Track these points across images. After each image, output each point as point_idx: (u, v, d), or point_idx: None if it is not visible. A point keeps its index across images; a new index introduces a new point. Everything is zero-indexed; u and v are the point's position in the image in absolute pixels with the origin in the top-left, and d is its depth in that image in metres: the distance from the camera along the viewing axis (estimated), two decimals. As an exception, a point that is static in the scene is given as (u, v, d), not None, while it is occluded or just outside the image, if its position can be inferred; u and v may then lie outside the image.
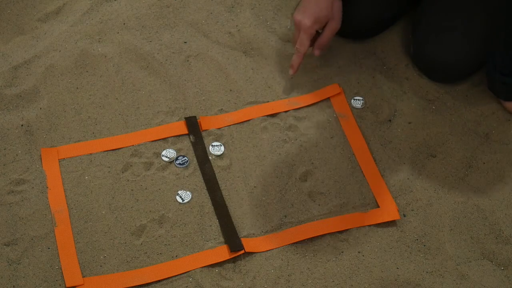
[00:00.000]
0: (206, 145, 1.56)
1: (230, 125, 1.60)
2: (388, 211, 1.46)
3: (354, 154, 1.56)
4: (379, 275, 1.38)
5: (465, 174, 1.54)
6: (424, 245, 1.43)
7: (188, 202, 1.47)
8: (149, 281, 1.35)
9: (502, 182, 1.52)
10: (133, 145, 1.55)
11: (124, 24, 1.79)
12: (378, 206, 1.48)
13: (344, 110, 1.63)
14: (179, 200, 1.47)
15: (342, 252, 1.41)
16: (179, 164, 1.52)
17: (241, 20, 1.81)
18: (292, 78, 1.69)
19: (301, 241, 1.42)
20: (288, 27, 1.79)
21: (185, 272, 1.37)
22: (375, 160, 1.55)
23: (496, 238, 1.44)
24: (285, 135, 1.59)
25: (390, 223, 1.45)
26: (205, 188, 1.49)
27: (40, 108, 1.61)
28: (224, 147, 1.56)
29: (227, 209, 1.46)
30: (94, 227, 1.42)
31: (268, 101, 1.65)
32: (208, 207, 1.47)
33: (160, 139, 1.57)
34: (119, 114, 1.61)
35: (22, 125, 1.57)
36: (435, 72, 1.67)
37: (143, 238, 1.41)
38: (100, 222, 1.43)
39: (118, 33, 1.77)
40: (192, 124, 1.59)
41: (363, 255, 1.41)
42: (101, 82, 1.67)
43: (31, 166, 1.51)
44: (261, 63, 1.72)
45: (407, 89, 1.68)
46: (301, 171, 1.53)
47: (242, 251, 1.39)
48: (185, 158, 1.53)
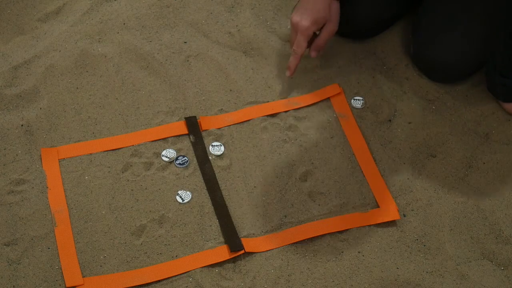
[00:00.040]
0: (206, 145, 1.56)
1: (230, 125, 1.60)
2: (388, 211, 1.46)
3: (354, 154, 1.56)
4: (379, 275, 1.38)
5: (465, 174, 1.54)
6: (424, 245, 1.43)
7: (188, 202, 1.47)
8: (149, 281, 1.35)
9: (502, 182, 1.52)
10: (133, 145, 1.55)
11: (124, 24, 1.79)
12: (378, 206, 1.48)
13: (344, 110, 1.63)
14: (179, 200, 1.47)
15: (342, 252, 1.41)
16: (179, 164, 1.52)
17: (241, 20, 1.80)
18: (292, 78, 1.69)
19: (301, 241, 1.42)
20: (288, 27, 1.79)
21: (185, 272, 1.37)
22: (375, 160, 1.55)
23: (496, 238, 1.44)
24: (285, 135, 1.59)
25: (390, 223, 1.45)
26: (205, 188, 1.49)
27: (40, 108, 1.61)
28: (224, 147, 1.56)
29: (227, 209, 1.46)
30: (94, 227, 1.42)
31: (268, 101, 1.65)
32: (208, 207, 1.47)
33: (160, 139, 1.57)
34: (119, 114, 1.61)
35: (22, 125, 1.57)
36: (435, 72, 1.67)
37: (143, 238, 1.41)
38: (100, 222, 1.43)
39: (118, 33, 1.76)
40: (192, 124, 1.59)
41: (363, 255, 1.41)
42: (101, 82, 1.67)
43: (31, 166, 1.51)
44: (261, 63, 1.72)
45: (407, 89, 1.68)
46: (301, 171, 1.53)
47: (242, 251, 1.39)
48: (185, 158, 1.53)
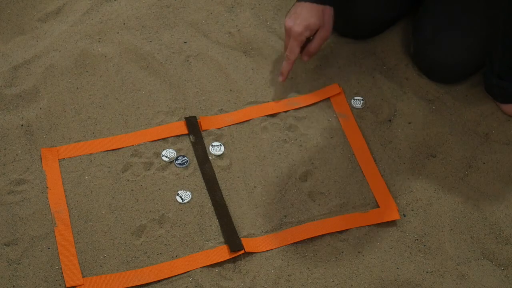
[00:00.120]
0: (206, 145, 1.56)
1: (230, 125, 1.60)
2: (388, 211, 1.46)
3: (354, 154, 1.56)
4: (379, 275, 1.38)
5: (465, 174, 1.54)
6: (424, 245, 1.43)
7: (188, 202, 1.47)
8: (149, 281, 1.35)
9: (502, 182, 1.52)
10: (133, 145, 1.55)
11: (124, 24, 1.79)
12: (378, 206, 1.47)
13: (344, 110, 1.63)
14: (179, 200, 1.47)
15: (342, 252, 1.41)
16: (179, 164, 1.52)
17: (241, 20, 1.80)
18: (292, 78, 1.69)
19: (301, 241, 1.42)
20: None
21: (185, 272, 1.37)
22: (375, 160, 1.55)
23: (496, 238, 1.44)
24: (285, 135, 1.59)
25: (390, 223, 1.45)
26: (205, 188, 1.49)
27: (40, 108, 1.61)
28: (224, 147, 1.56)
29: (227, 209, 1.46)
30: (94, 227, 1.42)
31: (268, 101, 1.65)
32: (208, 207, 1.47)
33: (160, 139, 1.57)
34: (119, 114, 1.61)
35: (22, 125, 1.57)
36: (435, 72, 1.66)
37: (143, 238, 1.41)
38: (100, 222, 1.43)
39: (118, 33, 1.76)
40: (192, 124, 1.59)
41: (363, 255, 1.41)
42: (101, 82, 1.67)
43: (31, 166, 1.51)
44: (261, 63, 1.72)
45: (407, 89, 1.68)
46: (301, 171, 1.53)
47: (242, 251, 1.39)
48: (185, 158, 1.53)
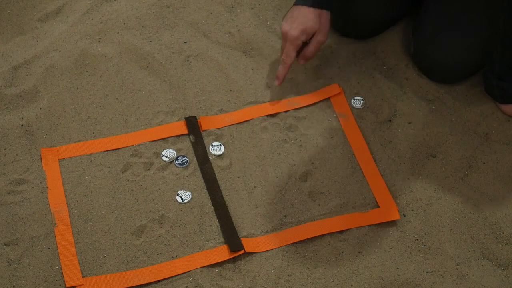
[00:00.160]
0: (206, 145, 1.56)
1: (230, 125, 1.60)
2: (388, 211, 1.46)
3: (354, 154, 1.56)
4: (379, 275, 1.38)
5: (465, 174, 1.54)
6: (424, 245, 1.43)
7: (188, 202, 1.47)
8: (149, 281, 1.35)
9: (502, 182, 1.52)
10: (133, 145, 1.55)
11: (124, 24, 1.79)
12: (378, 206, 1.47)
13: (344, 110, 1.63)
14: (179, 200, 1.47)
15: (342, 252, 1.41)
16: (179, 164, 1.52)
17: (241, 20, 1.80)
18: (292, 78, 1.69)
19: (301, 241, 1.42)
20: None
21: (185, 272, 1.37)
22: (375, 160, 1.55)
23: (496, 238, 1.44)
24: (285, 135, 1.59)
25: (390, 223, 1.45)
26: (205, 188, 1.49)
27: (40, 108, 1.61)
28: (224, 147, 1.56)
29: (227, 209, 1.46)
30: (94, 227, 1.42)
31: (268, 101, 1.65)
32: (208, 207, 1.46)
33: (160, 139, 1.56)
34: (119, 114, 1.61)
35: (22, 125, 1.57)
36: (435, 72, 1.66)
37: (143, 238, 1.41)
38: (100, 222, 1.43)
39: (118, 33, 1.76)
40: (192, 124, 1.59)
41: (363, 255, 1.41)
42: (101, 82, 1.67)
43: (31, 166, 1.51)
44: (261, 63, 1.72)
45: (407, 89, 1.68)
46: (301, 171, 1.53)
47: (242, 251, 1.39)
48: (185, 158, 1.53)
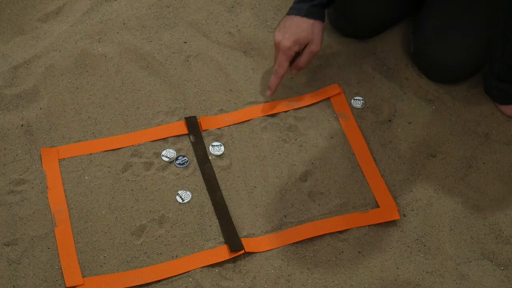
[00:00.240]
0: (206, 145, 1.56)
1: (230, 125, 1.60)
2: (388, 211, 1.46)
3: (354, 154, 1.56)
4: (379, 275, 1.38)
5: (465, 174, 1.54)
6: (424, 245, 1.43)
7: (188, 202, 1.47)
8: (149, 281, 1.35)
9: (502, 182, 1.52)
10: (133, 145, 1.55)
11: (124, 24, 1.79)
12: (378, 206, 1.47)
13: (344, 110, 1.63)
14: (179, 200, 1.47)
15: (342, 252, 1.41)
16: (179, 164, 1.52)
17: (241, 20, 1.80)
18: (292, 78, 1.69)
19: (301, 241, 1.42)
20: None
21: (185, 272, 1.37)
22: (375, 160, 1.55)
23: (496, 238, 1.44)
24: (285, 135, 1.59)
25: (390, 223, 1.45)
26: (205, 188, 1.49)
27: (40, 108, 1.61)
28: (224, 147, 1.56)
29: (227, 209, 1.46)
30: (94, 227, 1.42)
31: (268, 101, 1.65)
32: (208, 207, 1.47)
33: (160, 139, 1.57)
34: (119, 114, 1.61)
35: (22, 125, 1.57)
36: (435, 72, 1.66)
37: (143, 238, 1.41)
38: (100, 222, 1.43)
39: (118, 33, 1.76)
40: (192, 124, 1.59)
41: (363, 255, 1.41)
42: (101, 82, 1.67)
43: (31, 166, 1.51)
44: (261, 63, 1.72)
45: (407, 89, 1.68)
46: (301, 171, 1.53)
47: (242, 251, 1.39)
48: (185, 158, 1.53)
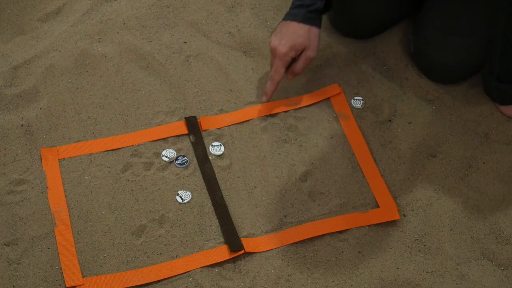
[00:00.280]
0: (206, 145, 1.56)
1: (230, 125, 1.60)
2: (388, 211, 1.46)
3: (354, 154, 1.56)
4: (379, 275, 1.38)
5: (465, 174, 1.54)
6: (424, 245, 1.43)
7: (188, 202, 1.47)
8: (149, 281, 1.35)
9: (502, 182, 1.52)
10: (133, 145, 1.55)
11: (124, 24, 1.79)
12: (378, 206, 1.47)
13: (344, 110, 1.63)
14: (179, 200, 1.47)
15: (342, 252, 1.41)
16: (179, 164, 1.52)
17: (241, 20, 1.80)
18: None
19: (301, 241, 1.42)
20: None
21: (185, 272, 1.37)
22: (375, 160, 1.55)
23: (496, 238, 1.44)
24: (285, 135, 1.59)
25: (390, 223, 1.45)
26: (205, 188, 1.49)
27: (40, 108, 1.61)
28: (224, 147, 1.56)
29: (227, 209, 1.46)
30: (94, 227, 1.42)
31: (268, 101, 1.65)
32: (208, 207, 1.47)
33: (160, 139, 1.57)
34: (119, 114, 1.61)
35: (22, 125, 1.57)
36: (435, 72, 1.67)
37: (143, 238, 1.41)
38: (100, 222, 1.43)
39: (118, 33, 1.76)
40: (192, 124, 1.59)
41: (363, 255, 1.41)
42: (101, 82, 1.67)
43: (31, 166, 1.51)
44: (261, 63, 1.72)
45: (407, 89, 1.68)
46: (301, 171, 1.53)
47: (242, 251, 1.39)
48: (185, 158, 1.53)
